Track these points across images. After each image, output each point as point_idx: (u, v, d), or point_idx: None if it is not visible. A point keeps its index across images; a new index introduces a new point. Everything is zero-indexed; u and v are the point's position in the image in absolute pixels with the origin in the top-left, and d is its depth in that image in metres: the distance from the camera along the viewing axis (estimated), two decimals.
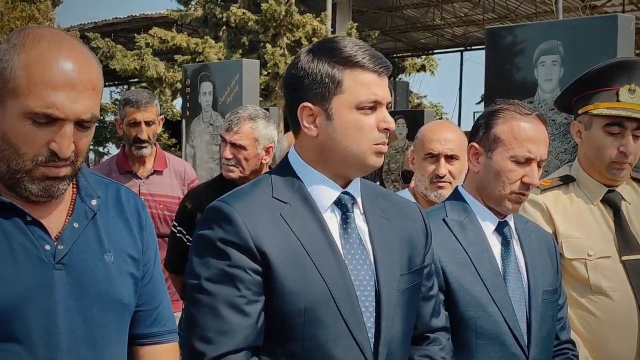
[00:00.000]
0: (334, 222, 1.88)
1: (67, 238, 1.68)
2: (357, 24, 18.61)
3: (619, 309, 2.62)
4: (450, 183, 3.04)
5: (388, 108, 1.88)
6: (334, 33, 19.07)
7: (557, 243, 2.60)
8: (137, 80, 23.10)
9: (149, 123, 4.19)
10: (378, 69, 1.84)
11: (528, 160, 2.30)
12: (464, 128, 3.53)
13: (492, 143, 2.34)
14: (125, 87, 26.76)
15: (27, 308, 1.60)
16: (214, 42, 18.67)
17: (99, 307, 1.70)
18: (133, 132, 4.18)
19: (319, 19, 18.18)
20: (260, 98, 11.52)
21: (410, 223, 2.02)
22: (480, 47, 24.46)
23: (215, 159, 8.53)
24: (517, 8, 22.03)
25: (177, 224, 3.68)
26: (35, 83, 1.57)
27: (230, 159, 3.49)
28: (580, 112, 2.76)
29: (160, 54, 19.50)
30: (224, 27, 19.19)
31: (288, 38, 18.25)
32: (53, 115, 1.57)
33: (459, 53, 26.79)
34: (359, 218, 1.93)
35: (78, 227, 1.71)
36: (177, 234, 3.66)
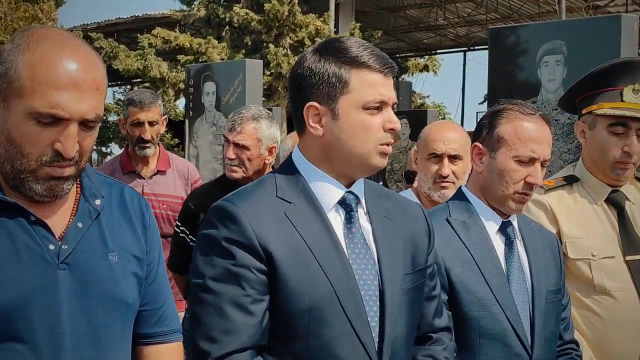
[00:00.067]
0: (338, 221, 1.88)
1: (71, 238, 1.69)
2: (360, 24, 18.61)
3: (623, 309, 2.61)
4: (454, 183, 3.03)
5: (394, 108, 1.88)
6: (337, 33, 19.07)
7: (561, 243, 2.60)
8: (140, 81, 23.11)
9: (153, 123, 4.19)
10: (384, 70, 1.84)
11: (531, 160, 2.29)
12: (467, 128, 3.53)
13: (495, 143, 2.33)
14: (128, 87, 26.79)
15: (31, 308, 1.60)
16: (217, 42, 18.67)
17: (103, 306, 1.70)
18: (136, 132, 4.18)
19: (322, 19, 18.18)
20: (263, 98, 11.51)
21: (413, 223, 2.02)
22: (483, 47, 24.46)
23: (219, 159, 8.53)
24: (520, 8, 22.03)
25: (180, 224, 3.68)
26: (40, 83, 1.57)
27: (234, 159, 3.49)
28: (584, 112, 2.75)
29: (163, 54, 19.51)
30: (227, 27, 19.19)
31: (291, 38, 18.25)
32: (57, 115, 1.57)
33: (462, 53, 26.80)
34: (363, 218, 1.92)
35: (82, 227, 1.71)
36: (180, 234, 3.66)
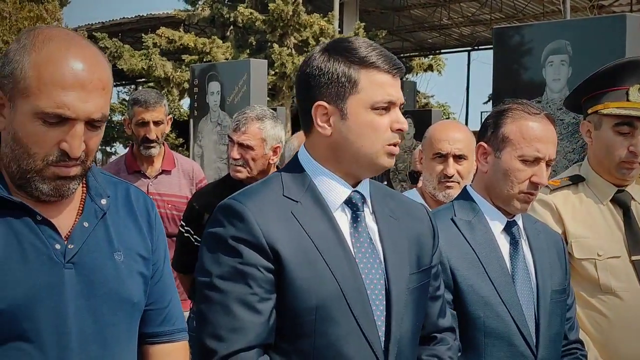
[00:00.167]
0: (344, 221, 1.88)
1: (77, 237, 1.69)
2: (364, 24, 18.61)
3: (629, 309, 2.61)
4: (459, 183, 3.03)
5: (401, 109, 1.88)
6: (341, 33, 19.08)
7: (566, 243, 2.60)
8: (144, 80, 23.15)
9: (158, 123, 4.19)
10: (392, 70, 1.84)
11: (537, 160, 2.29)
12: (471, 128, 3.52)
13: (500, 143, 2.33)
14: (133, 87, 26.81)
15: (37, 307, 1.60)
16: (222, 42, 18.70)
17: (109, 306, 1.70)
18: (141, 131, 4.18)
19: (326, 19, 18.19)
20: (268, 98, 11.52)
21: (418, 223, 2.02)
22: (488, 46, 24.47)
23: (223, 159, 8.53)
24: (524, 8, 22.02)
25: (184, 224, 3.68)
26: (46, 83, 1.57)
27: (238, 159, 3.49)
28: (590, 111, 2.75)
29: (168, 54, 19.54)
30: (232, 27, 19.22)
31: (295, 38, 18.26)
32: (64, 115, 1.58)
33: (466, 53, 26.78)
34: (369, 217, 1.92)
35: (88, 226, 1.71)
36: (184, 234, 3.66)
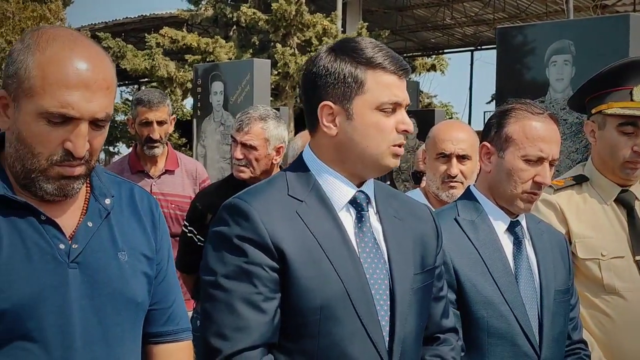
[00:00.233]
0: (349, 220, 1.88)
1: (81, 237, 1.69)
2: (367, 24, 18.61)
3: (633, 309, 2.60)
4: (462, 183, 3.03)
5: (406, 110, 1.89)
6: (344, 33, 19.08)
7: (570, 243, 2.60)
8: (147, 80, 23.18)
9: (161, 123, 4.19)
10: (399, 71, 1.84)
11: (540, 160, 2.29)
12: (474, 128, 3.52)
13: (504, 142, 2.33)
14: (136, 87, 26.85)
15: (41, 307, 1.60)
16: (225, 41, 18.71)
17: (113, 306, 1.70)
18: (145, 131, 4.19)
19: (329, 19, 18.19)
20: (271, 98, 11.53)
21: (422, 224, 2.02)
22: (491, 46, 24.47)
23: (226, 159, 8.54)
24: (527, 7, 22.02)
25: (187, 224, 3.69)
26: (50, 83, 1.57)
27: (241, 159, 3.49)
28: (594, 111, 2.75)
29: (171, 54, 19.56)
30: (235, 26, 19.22)
31: (298, 38, 18.27)
32: (68, 115, 1.58)
33: (469, 52, 26.78)
34: (373, 217, 1.92)
35: (92, 226, 1.72)
36: (187, 234, 3.66)
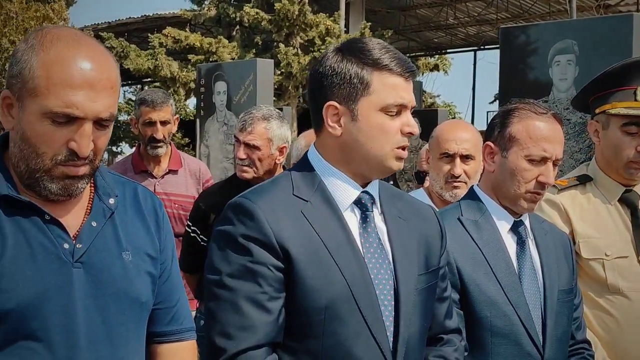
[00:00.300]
0: (354, 221, 1.88)
1: (85, 237, 1.69)
2: (370, 24, 18.58)
3: (637, 309, 2.60)
4: (466, 183, 3.03)
5: (412, 112, 1.88)
6: (347, 33, 19.07)
7: (574, 243, 2.60)
8: (150, 80, 23.17)
9: (165, 123, 4.19)
10: (405, 73, 1.84)
11: (543, 160, 2.29)
12: (477, 127, 3.52)
13: (507, 142, 2.33)
14: (139, 86, 26.85)
15: (46, 306, 1.61)
16: (228, 41, 18.70)
17: (117, 305, 1.70)
18: (148, 131, 4.19)
19: (332, 19, 18.18)
20: (274, 98, 11.52)
21: (426, 224, 2.02)
22: (494, 46, 24.43)
23: (230, 159, 8.54)
24: (530, 7, 21.99)
25: (191, 224, 3.69)
26: (54, 83, 1.57)
27: (244, 159, 3.49)
28: (598, 111, 2.75)
29: (174, 54, 19.55)
30: (238, 26, 19.21)
31: (301, 37, 18.26)
32: (72, 115, 1.58)
33: (472, 52, 26.75)
34: (378, 218, 1.93)
35: (96, 225, 1.72)
36: (191, 234, 3.66)
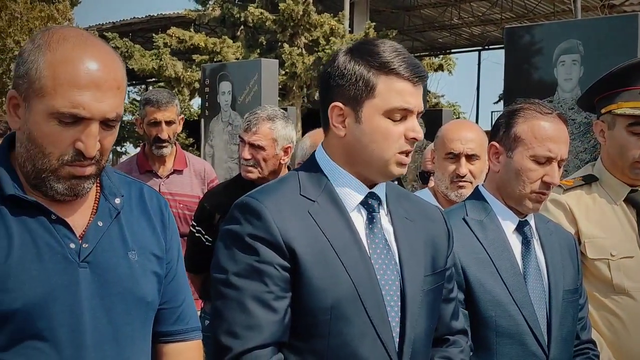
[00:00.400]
0: (360, 221, 1.88)
1: (91, 236, 1.69)
2: (374, 24, 18.59)
3: None
4: (471, 182, 3.02)
5: (419, 118, 1.87)
6: (352, 32, 19.09)
7: (579, 243, 2.59)
8: (155, 80, 23.22)
9: (170, 123, 4.20)
10: (413, 78, 1.83)
11: (549, 160, 2.29)
12: (482, 128, 3.52)
13: (512, 142, 2.33)
14: (143, 86, 26.89)
15: (52, 306, 1.61)
16: (232, 41, 18.72)
17: (123, 305, 1.71)
18: (153, 131, 4.19)
19: (337, 19, 18.19)
20: (278, 98, 11.53)
21: (433, 225, 2.02)
22: (498, 46, 24.45)
23: (234, 159, 8.54)
24: (535, 7, 21.99)
25: (195, 224, 3.69)
26: (61, 83, 1.57)
27: (249, 160, 3.49)
28: (603, 111, 2.74)
29: (178, 54, 19.59)
30: (242, 26, 19.23)
31: (306, 38, 18.27)
32: (79, 115, 1.58)
33: (477, 52, 26.75)
34: (384, 219, 1.93)
35: (102, 225, 1.72)
36: (195, 234, 3.66)
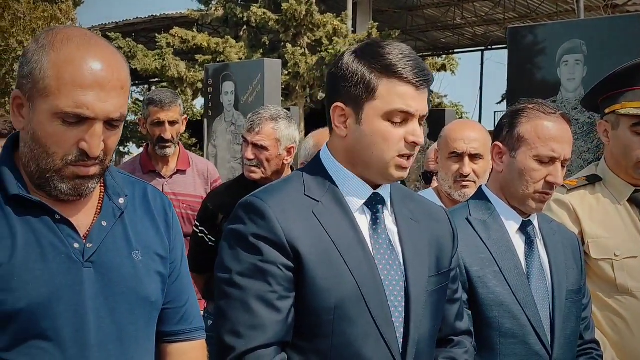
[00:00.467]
0: (364, 222, 1.88)
1: (95, 236, 1.70)
2: (377, 24, 18.59)
3: None
4: (475, 182, 3.02)
5: (422, 122, 1.86)
6: (354, 33, 19.08)
7: (583, 243, 2.59)
8: (158, 80, 23.22)
9: (173, 123, 4.20)
10: (416, 82, 1.81)
11: (552, 160, 2.28)
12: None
13: (515, 142, 2.33)
14: (146, 87, 26.90)
15: (56, 306, 1.61)
16: (235, 41, 18.73)
17: (127, 304, 1.71)
18: (157, 131, 4.19)
19: (340, 19, 18.19)
20: (282, 98, 11.54)
21: (438, 226, 2.02)
22: (501, 46, 24.43)
23: (237, 159, 8.54)
24: (538, 7, 21.97)
25: (199, 224, 3.69)
26: (65, 83, 1.58)
27: (252, 160, 3.49)
28: (607, 111, 2.74)
29: (181, 54, 19.60)
30: (245, 26, 19.24)
31: (309, 38, 18.28)
32: (83, 115, 1.58)
33: (480, 52, 26.74)
34: (389, 219, 1.93)
35: (106, 225, 1.72)
36: (199, 234, 3.67)
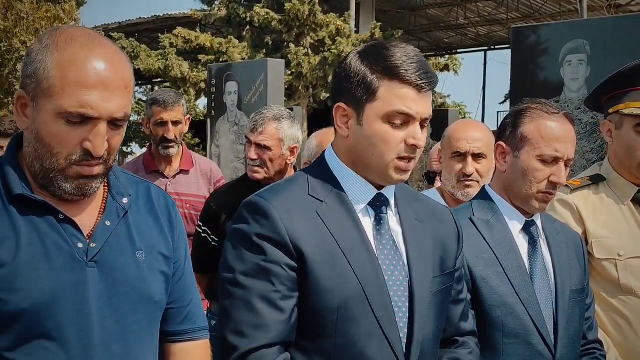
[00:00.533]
0: (368, 222, 1.88)
1: (99, 236, 1.70)
2: (380, 24, 18.59)
3: None
4: (478, 182, 3.02)
5: (425, 125, 1.85)
6: (357, 33, 19.09)
7: (586, 243, 2.59)
8: (161, 80, 23.24)
9: (176, 123, 4.20)
10: (418, 84, 1.80)
11: (555, 160, 2.28)
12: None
13: (519, 142, 2.33)
14: (149, 87, 26.91)
15: (60, 306, 1.61)
16: (238, 42, 18.75)
17: (131, 304, 1.71)
18: (160, 131, 4.19)
19: (343, 19, 18.20)
20: (285, 98, 11.54)
21: (443, 226, 2.02)
22: (504, 46, 24.43)
23: (241, 159, 8.54)
24: (541, 7, 21.95)
25: (202, 224, 3.69)
26: (69, 83, 1.58)
27: (255, 160, 3.49)
28: (611, 111, 2.73)
29: (184, 54, 19.62)
30: (248, 27, 19.26)
31: (311, 38, 18.29)
32: (87, 115, 1.59)
33: (483, 52, 26.72)
34: (393, 220, 1.92)
35: (110, 225, 1.72)
36: (202, 234, 3.67)
